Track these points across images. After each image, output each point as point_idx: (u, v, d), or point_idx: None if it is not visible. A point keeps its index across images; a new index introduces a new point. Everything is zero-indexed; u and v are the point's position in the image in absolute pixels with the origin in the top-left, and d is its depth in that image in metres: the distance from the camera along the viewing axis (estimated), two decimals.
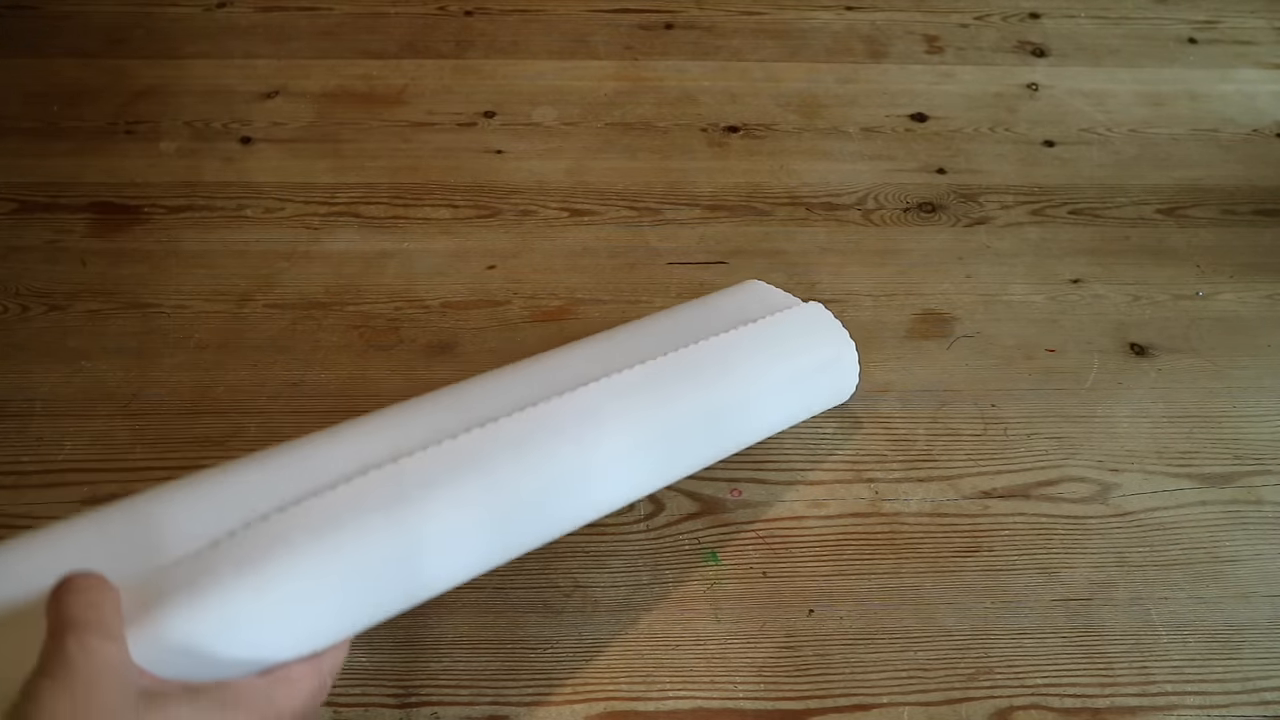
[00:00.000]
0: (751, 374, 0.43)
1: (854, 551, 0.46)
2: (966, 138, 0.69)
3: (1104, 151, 0.68)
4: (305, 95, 0.69)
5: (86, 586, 0.28)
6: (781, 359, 0.45)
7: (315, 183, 0.63)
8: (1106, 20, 0.80)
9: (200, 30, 0.74)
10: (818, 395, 0.48)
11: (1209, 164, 0.68)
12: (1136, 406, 0.53)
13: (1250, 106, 0.73)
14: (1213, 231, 0.63)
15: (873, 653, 0.43)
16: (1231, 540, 0.47)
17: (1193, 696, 0.42)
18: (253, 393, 0.52)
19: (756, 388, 0.44)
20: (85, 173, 0.63)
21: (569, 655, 0.42)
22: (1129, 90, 0.73)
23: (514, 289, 0.57)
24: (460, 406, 0.38)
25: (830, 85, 0.73)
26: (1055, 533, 0.47)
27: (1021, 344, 0.56)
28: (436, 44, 0.74)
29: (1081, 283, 0.59)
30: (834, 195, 0.64)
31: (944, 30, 0.78)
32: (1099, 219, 0.63)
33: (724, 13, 0.79)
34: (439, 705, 0.41)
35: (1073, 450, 0.51)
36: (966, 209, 0.64)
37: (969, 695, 0.42)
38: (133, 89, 0.69)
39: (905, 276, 0.59)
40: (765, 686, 0.42)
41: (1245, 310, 0.58)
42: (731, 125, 0.69)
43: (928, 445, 0.51)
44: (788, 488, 0.49)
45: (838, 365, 0.47)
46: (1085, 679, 0.43)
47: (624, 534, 0.47)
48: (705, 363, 0.42)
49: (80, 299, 0.56)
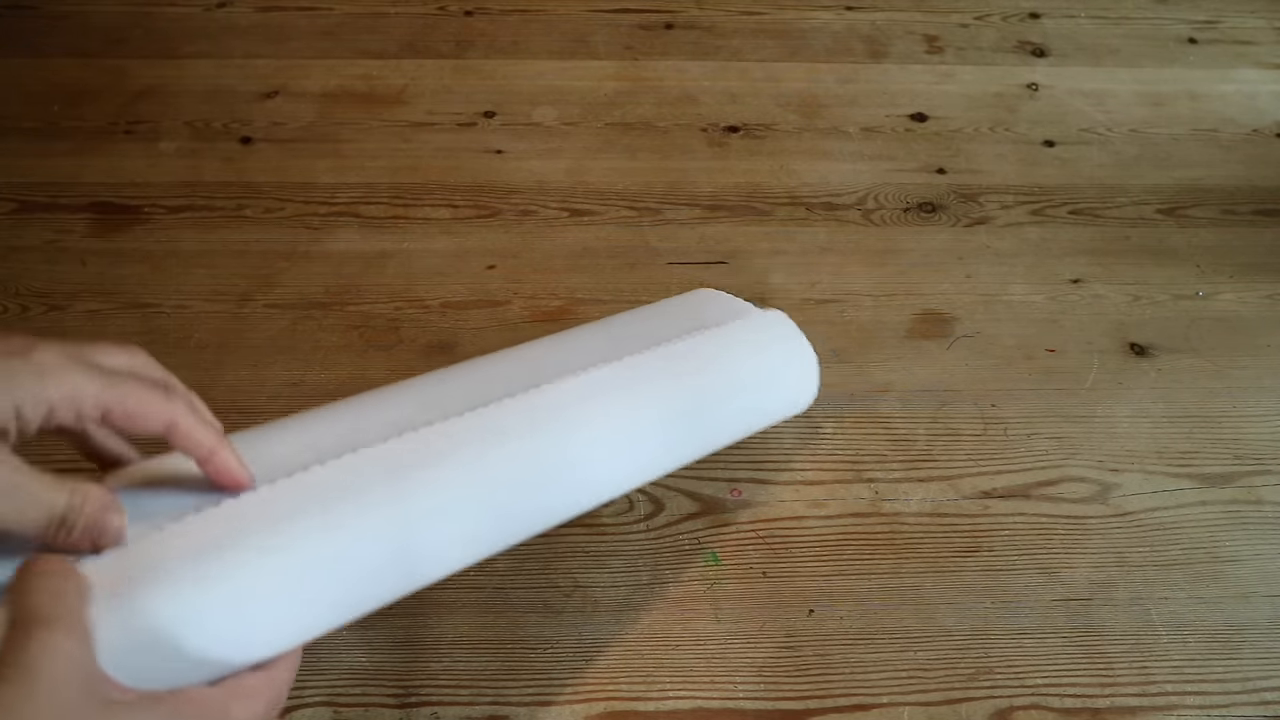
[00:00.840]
0: (718, 379, 0.43)
1: (854, 551, 0.46)
2: (966, 138, 0.69)
3: (1104, 151, 0.68)
4: (305, 95, 0.69)
5: (51, 571, 0.27)
6: (744, 364, 0.45)
7: (315, 183, 0.63)
8: (1106, 20, 0.80)
9: (200, 30, 0.74)
10: (778, 403, 0.47)
11: (1209, 164, 0.68)
12: (1136, 406, 0.53)
13: (1250, 106, 0.73)
14: (1213, 231, 0.63)
15: (873, 653, 0.43)
16: (1231, 540, 0.47)
17: (1193, 696, 0.42)
18: (253, 393, 0.52)
19: (720, 393, 0.44)
20: (85, 173, 0.63)
21: (569, 655, 0.42)
22: (1129, 90, 0.73)
23: (514, 289, 0.57)
24: (436, 396, 0.38)
25: (830, 85, 0.73)
26: (1055, 533, 0.47)
27: (1021, 344, 0.56)
28: (436, 44, 0.74)
29: (1081, 283, 0.59)
30: (834, 195, 0.64)
31: (944, 30, 0.78)
32: (1099, 219, 0.63)
33: (724, 13, 0.79)
34: (439, 705, 0.41)
35: (1073, 450, 0.51)
36: (966, 209, 0.64)
37: (969, 695, 0.42)
38: (133, 89, 0.69)
39: (905, 276, 0.59)
40: (765, 686, 0.42)
41: (1245, 310, 0.58)
42: (731, 125, 0.69)
43: (928, 445, 0.51)
44: (788, 488, 0.49)
45: (799, 373, 0.47)
46: (1085, 679, 0.42)
47: (624, 534, 0.47)
48: (679, 364, 0.42)
49: (80, 299, 0.56)
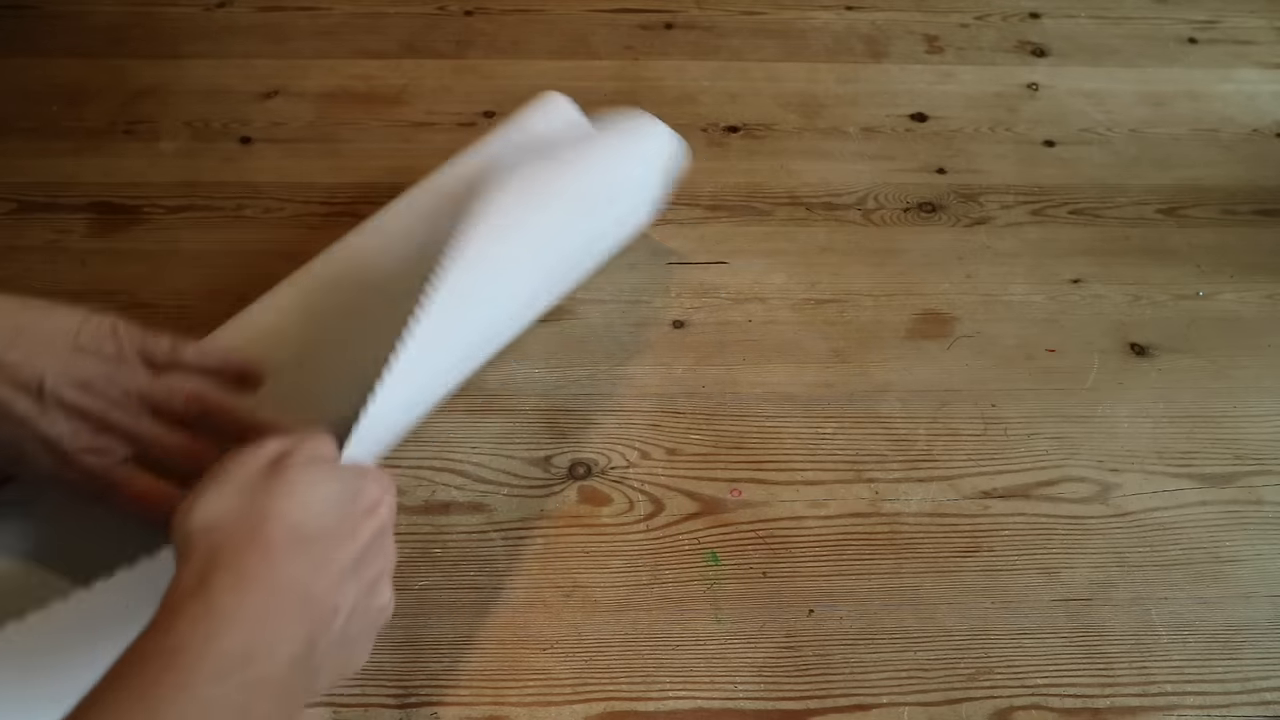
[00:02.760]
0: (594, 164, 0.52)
1: (854, 551, 0.46)
2: (966, 138, 0.69)
3: (1104, 151, 0.68)
4: (305, 95, 0.69)
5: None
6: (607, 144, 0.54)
7: (315, 183, 0.63)
8: (1106, 20, 0.80)
9: (200, 30, 0.74)
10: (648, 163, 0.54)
11: (1209, 164, 0.68)
12: (1136, 406, 0.53)
13: (1250, 106, 0.73)
14: (1213, 231, 0.63)
15: (873, 653, 0.43)
16: (1231, 540, 0.47)
17: (1193, 696, 0.42)
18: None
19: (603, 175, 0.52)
20: (85, 172, 0.63)
21: (569, 655, 0.42)
22: (1129, 90, 0.73)
23: None
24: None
25: (830, 85, 0.73)
26: (1055, 533, 0.47)
27: (1022, 344, 0.56)
28: (436, 44, 0.74)
29: (1081, 283, 0.59)
30: (834, 195, 0.64)
31: (944, 30, 0.78)
32: (1099, 219, 0.63)
33: (724, 13, 0.79)
34: (439, 705, 0.41)
35: (1073, 450, 0.51)
36: (966, 209, 0.63)
37: (969, 695, 0.42)
38: (132, 89, 0.69)
39: (905, 276, 0.59)
40: (765, 686, 0.42)
41: (1245, 310, 0.58)
42: (731, 125, 0.69)
43: (928, 445, 0.51)
44: (788, 488, 0.49)
45: (649, 125, 0.55)
46: (1085, 679, 0.42)
47: (624, 534, 0.47)
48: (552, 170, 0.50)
49: (80, 299, 0.56)
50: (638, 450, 0.49)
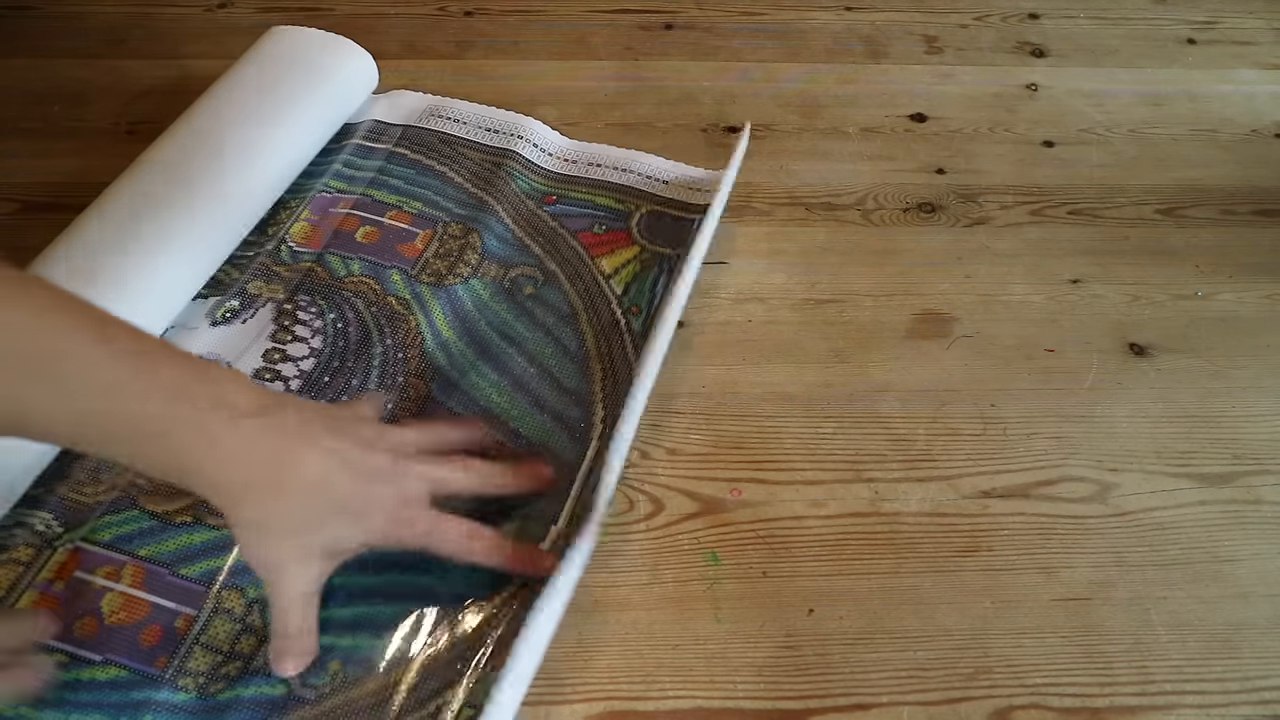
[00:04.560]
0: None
1: (854, 551, 0.47)
2: (966, 138, 0.69)
3: (1104, 151, 0.68)
4: None
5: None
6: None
7: None
8: (1106, 20, 0.80)
9: (201, 30, 0.74)
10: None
11: (1208, 164, 0.68)
12: (1136, 406, 0.53)
13: (1250, 107, 0.73)
14: (1212, 231, 0.63)
15: (873, 653, 0.43)
16: (1231, 540, 0.48)
17: (1192, 696, 0.42)
18: None
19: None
20: (87, 173, 0.63)
21: (569, 655, 0.42)
22: (1128, 90, 0.74)
23: None
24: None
25: (830, 85, 0.73)
26: (1055, 533, 0.48)
27: (1021, 344, 0.56)
28: (436, 44, 0.74)
29: (1081, 283, 0.59)
30: (834, 195, 0.64)
31: (944, 30, 0.78)
32: (1099, 219, 0.63)
33: (724, 13, 0.79)
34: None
35: (1072, 450, 0.51)
36: (966, 209, 0.64)
37: (968, 695, 0.42)
38: (134, 89, 0.69)
39: (905, 276, 0.59)
40: (765, 686, 0.42)
41: (1245, 310, 0.58)
42: (731, 125, 0.69)
43: (927, 445, 0.51)
44: (788, 488, 0.49)
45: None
46: (1085, 679, 0.43)
47: (624, 534, 0.47)
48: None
49: None
50: (637, 450, 0.49)
